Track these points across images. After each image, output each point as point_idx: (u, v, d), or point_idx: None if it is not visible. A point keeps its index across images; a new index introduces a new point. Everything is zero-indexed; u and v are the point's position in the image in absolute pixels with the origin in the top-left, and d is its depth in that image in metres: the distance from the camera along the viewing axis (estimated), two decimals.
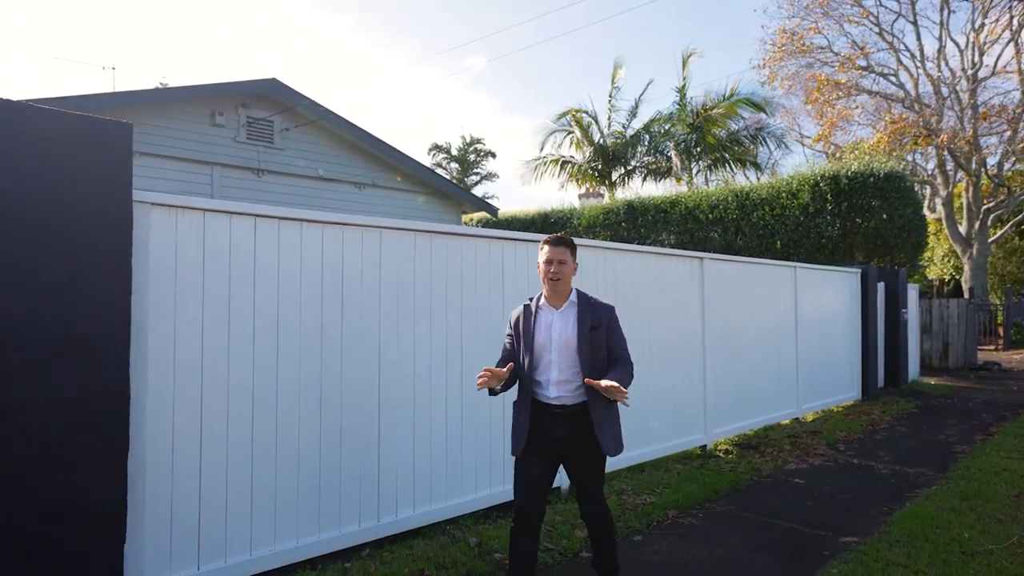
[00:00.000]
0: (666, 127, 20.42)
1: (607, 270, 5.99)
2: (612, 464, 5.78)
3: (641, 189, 25.06)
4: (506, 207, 18.78)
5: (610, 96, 20.96)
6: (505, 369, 3.23)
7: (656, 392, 6.42)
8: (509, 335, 3.48)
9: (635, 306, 6.23)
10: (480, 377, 3.14)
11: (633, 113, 20.84)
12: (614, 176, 21.09)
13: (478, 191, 38.36)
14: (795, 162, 39.59)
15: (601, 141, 20.93)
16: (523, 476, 3.30)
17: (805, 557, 4.27)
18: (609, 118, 21.01)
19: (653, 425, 6.39)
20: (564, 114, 20.98)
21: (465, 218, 16.05)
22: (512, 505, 3.61)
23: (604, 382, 3.06)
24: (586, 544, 4.36)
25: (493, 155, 40.73)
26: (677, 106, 20.22)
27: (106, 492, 3.08)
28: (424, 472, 4.47)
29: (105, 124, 3.13)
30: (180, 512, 3.42)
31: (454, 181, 36.21)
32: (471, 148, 39.32)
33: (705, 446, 7.07)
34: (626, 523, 4.77)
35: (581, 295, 3.44)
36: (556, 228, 15.72)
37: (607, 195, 20.76)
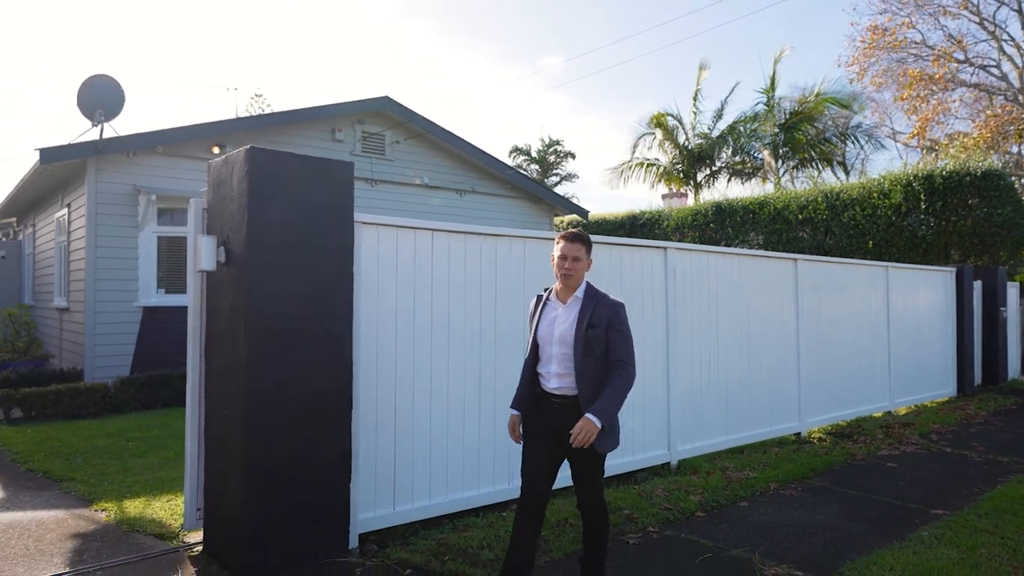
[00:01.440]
0: (752, 127, 20.56)
1: (708, 271, 6.65)
2: (714, 445, 6.48)
3: (727, 190, 25.18)
4: (591, 207, 19.41)
5: (694, 98, 21.27)
6: (515, 423, 3.52)
7: (754, 383, 7.03)
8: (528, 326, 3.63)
9: (733, 304, 6.87)
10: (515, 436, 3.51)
11: (719, 114, 21.09)
12: (699, 177, 21.40)
13: (558, 192, 39.10)
14: (887, 157, 38.37)
15: (686, 143, 21.27)
16: (526, 461, 3.42)
17: (897, 524, 4.83)
18: (694, 120, 21.33)
19: (750, 412, 7.00)
20: (653, 118, 21.43)
21: (556, 220, 16.82)
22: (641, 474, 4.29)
23: (576, 428, 3.13)
24: (700, 505, 5.07)
25: (572, 156, 41.29)
26: (764, 106, 20.34)
27: (339, 441, 4.03)
28: None
29: (332, 163, 4.10)
30: (381, 461, 4.35)
31: (531, 179, 37.12)
32: (550, 149, 40.05)
33: (799, 433, 7.60)
34: (732, 492, 5.44)
35: (590, 291, 3.45)
36: (644, 229, 16.27)
37: (691, 196, 21.10)
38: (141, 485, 5.49)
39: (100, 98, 10.36)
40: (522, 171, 38.28)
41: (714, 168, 21.42)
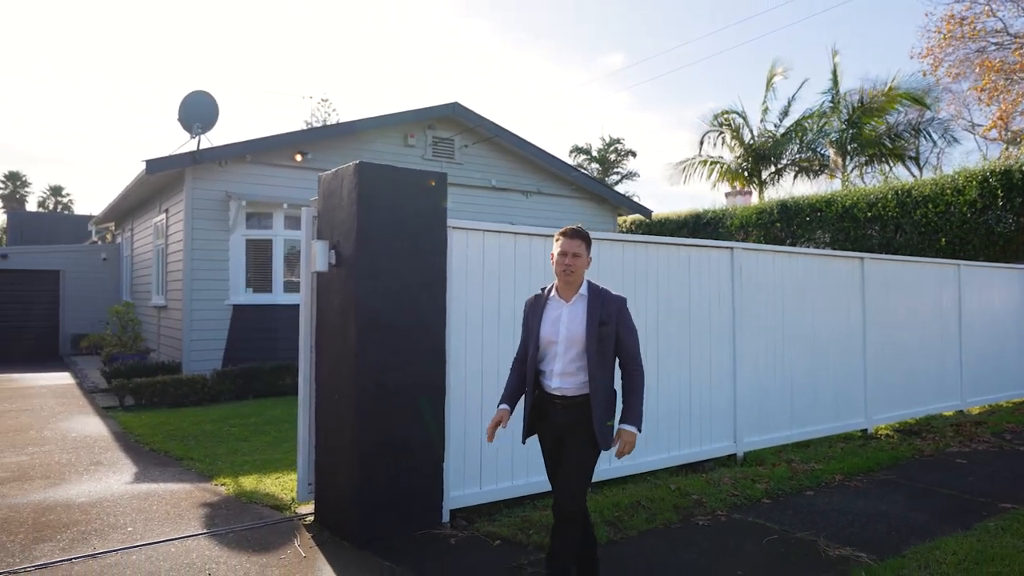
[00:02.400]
0: (819, 124, 20.28)
1: (774, 270, 6.85)
2: (780, 439, 6.69)
3: (792, 187, 24.81)
4: (651, 205, 19.51)
5: (764, 97, 21.13)
6: (504, 420, 3.42)
7: (819, 380, 7.19)
8: (522, 323, 3.54)
9: (799, 302, 7.05)
10: (492, 430, 3.42)
11: (785, 112, 20.88)
12: (764, 175, 21.23)
13: (619, 190, 39.16)
14: (964, 151, 36.82)
15: (751, 141, 21.14)
16: (547, 465, 3.47)
17: (963, 515, 4.98)
18: (763, 117, 21.18)
19: (816, 408, 7.16)
20: (718, 116, 21.39)
21: (619, 220, 17.06)
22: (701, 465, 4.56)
23: (621, 444, 3.23)
24: (766, 493, 5.34)
25: (633, 154, 41.25)
26: (831, 103, 20.03)
27: (433, 425, 4.50)
28: None
29: (428, 175, 4.57)
30: (469, 444, 4.80)
31: (595, 179, 37.29)
32: (611, 148, 40.11)
33: (866, 430, 7.70)
34: (798, 482, 5.67)
35: (592, 287, 3.39)
36: (708, 228, 16.34)
37: (755, 194, 20.95)
38: (251, 464, 6.11)
39: (198, 112, 11.24)
40: (583, 170, 38.57)
41: (779, 166, 21.21)
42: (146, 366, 11.00)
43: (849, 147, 19.84)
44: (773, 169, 21.28)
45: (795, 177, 21.14)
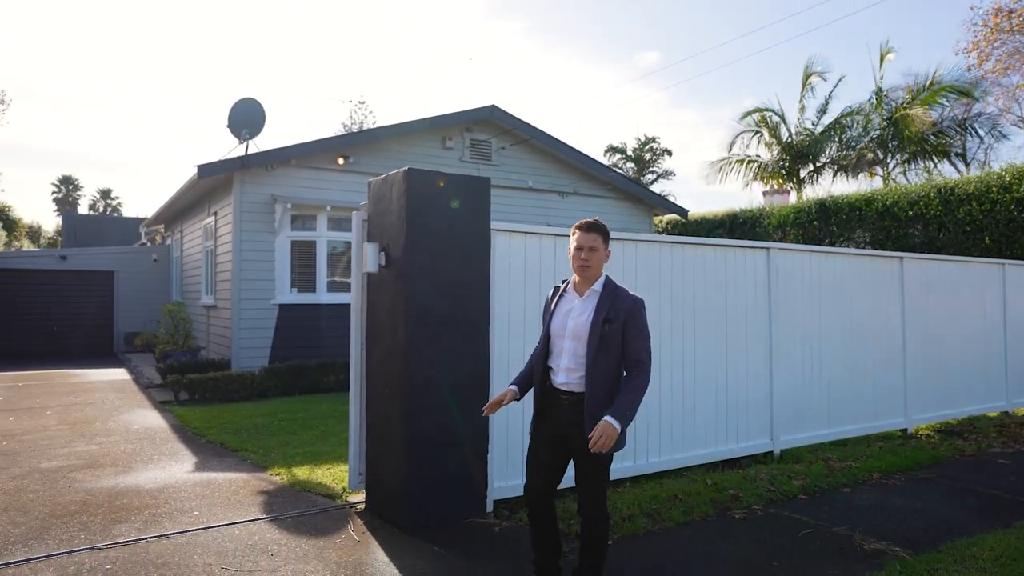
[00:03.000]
0: (859, 121, 20.00)
1: (810, 270, 6.91)
2: (817, 437, 6.74)
3: (832, 186, 24.49)
4: (686, 204, 19.46)
5: (801, 95, 20.90)
6: (505, 399, 3.37)
7: (857, 379, 7.22)
8: (542, 317, 3.53)
9: (836, 302, 7.09)
10: (491, 404, 3.41)
11: (823, 109, 20.62)
12: (802, 173, 21.01)
13: (655, 189, 38.99)
14: (1013, 146, 35.73)
15: (789, 139, 20.94)
16: (528, 460, 3.39)
17: (1003, 513, 5.01)
18: (800, 116, 20.96)
19: (854, 407, 7.19)
20: (749, 113, 21.23)
21: (655, 219, 17.09)
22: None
23: (596, 432, 2.99)
24: (802, 489, 5.43)
25: (669, 153, 40.94)
26: (873, 100, 19.73)
27: (478, 418, 4.71)
28: (666, 428, 5.77)
29: (473, 180, 4.78)
30: (511, 438, 4.99)
31: (631, 179, 37.19)
32: (646, 147, 39.94)
33: (905, 429, 7.69)
34: (834, 479, 5.75)
35: (608, 284, 3.31)
36: (744, 228, 16.28)
37: (793, 193, 20.74)
38: (302, 456, 6.41)
39: (246, 118, 11.66)
40: (618, 169, 38.50)
41: (818, 164, 20.96)
42: (197, 363, 11.46)
43: (890, 144, 19.52)
44: (812, 168, 21.04)
45: (834, 176, 20.88)
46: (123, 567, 3.85)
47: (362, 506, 4.96)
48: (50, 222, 57.32)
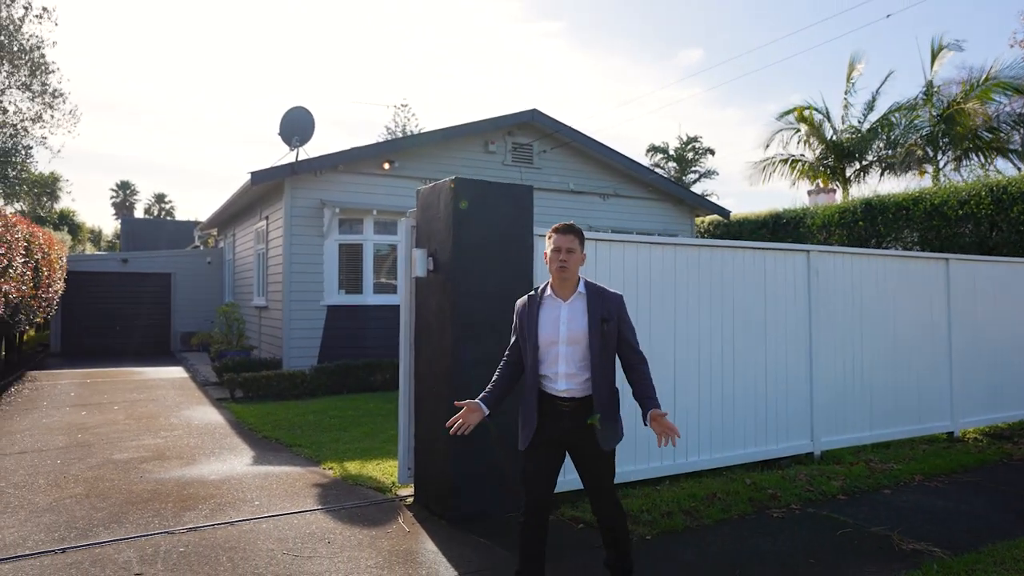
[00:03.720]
0: (908, 118, 19.55)
1: (852, 272, 6.91)
2: (858, 439, 6.75)
3: (879, 185, 23.96)
4: (729, 203, 19.31)
5: (846, 92, 20.54)
6: (473, 413, 3.23)
7: (900, 381, 7.19)
8: (514, 326, 3.43)
9: (878, 304, 7.08)
10: (456, 424, 3.20)
11: (870, 106, 20.21)
12: (848, 172, 20.63)
13: (697, 189, 38.62)
14: None
15: (833, 137, 20.60)
16: (528, 471, 3.29)
17: None
18: (845, 113, 20.60)
19: (897, 410, 7.16)
20: (790, 111, 20.93)
21: (697, 220, 17.04)
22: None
23: (664, 429, 3.08)
24: (841, 490, 5.48)
25: (712, 152, 40.48)
26: (923, 96, 19.27)
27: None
28: (705, 428, 5.88)
29: (515, 188, 4.99)
30: None
31: (672, 181, 36.95)
32: (688, 146, 39.61)
33: (952, 432, 7.61)
34: (875, 480, 5.78)
35: (590, 285, 3.33)
36: (788, 229, 16.11)
37: (840, 192, 20.37)
38: (353, 452, 6.70)
39: (296, 126, 12.10)
40: (659, 169, 38.28)
41: (864, 163, 20.56)
42: (250, 362, 11.94)
43: (941, 142, 19.03)
44: (858, 166, 20.65)
45: (882, 174, 20.44)
46: (195, 550, 4.17)
47: (411, 499, 5.21)
48: (109, 226, 59.70)
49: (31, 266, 10.75)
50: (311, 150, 11.67)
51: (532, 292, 3.42)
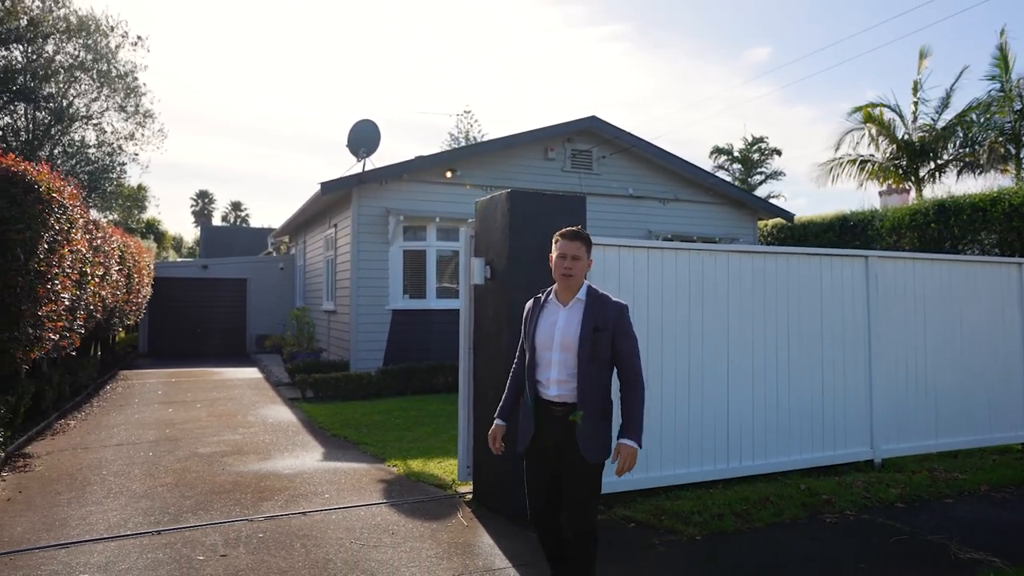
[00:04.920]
0: (988, 114, 18.68)
1: (914, 278, 6.80)
2: (922, 447, 6.64)
3: (956, 185, 22.93)
4: (796, 205, 18.86)
5: (915, 88, 19.79)
6: (499, 433, 3.41)
7: (968, 390, 7.00)
8: (522, 330, 3.43)
9: (943, 311, 6.92)
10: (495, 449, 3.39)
11: (944, 103, 19.42)
12: (921, 172, 19.86)
13: (763, 190, 37.79)
14: None
15: (905, 136, 19.88)
16: (529, 476, 3.32)
17: None
18: (916, 111, 19.85)
19: (965, 419, 6.98)
20: (859, 108, 20.30)
21: (760, 224, 16.79)
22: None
23: (621, 460, 3.07)
24: (900, 497, 5.44)
25: (778, 152, 39.49)
26: (999, 92, 18.38)
27: None
28: (759, 433, 5.93)
29: (569, 199, 5.20)
30: None
31: (737, 182, 36.26)
32: (754, 147, 38.80)
33: None
34: (937, 489, 5.70)
35: (592, 292, 3.27)
36: (855, 232, 15.69)
37: (913, 192, 19.64)
38: (416, 450, 7.03)
39: (363, 138, 12.64)
40: (723, 171, 37.63)
41: (939, 162, 19.75)
42: (320, 363, 12.51)
43: None
44: (932, 166, 19.85)
45: (959, 174, 19.58)
46: (272, 536, 4.54)
47: (469, 496, 5.47)
48: (189, 233, 62.86)
49: (124, 273, 11.60)
50: (376, 160, 12.24)
51: (538, 295, 3.41)
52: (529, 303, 3.43)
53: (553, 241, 3.34)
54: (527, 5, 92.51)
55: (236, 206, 68.96)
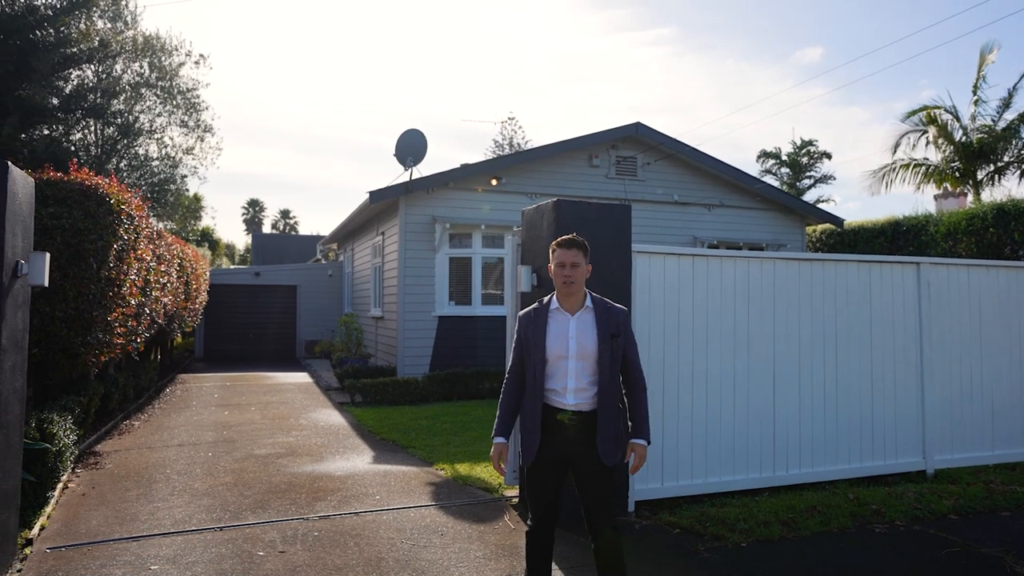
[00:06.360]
0: None
1: (969, 285, 6.65)
2: (977, 459, 6.49)
3: (1017, 188, 22.13)
4: (847, 209, 18.43)
5: (975, 87, 19.18)
6: (503, 452, 3.29)
7: None
8: (516, 339, 3.37)
9: (1001, 319, 6.75)
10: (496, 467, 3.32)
11: (1007, 103, 18.77)
12: (980, 175, 19.23)
13: (812, 195, 37.07)
14: None
15: (963, 138, 19.28)
16: (532, 489, 3.28)
17: None
18: (975, 111, 19.25)
19: (1022, 429, 6.80)
20: (915, 112, 19.80)
21: (808, 229, 16.51)
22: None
23: (637, 459, 3.23)
24: (953, 509, 5.33)
25: (828, 156, 38.72)
26: None
27: None
28: (806, 441, 5.89)
29: (615, 207, 5.28)
30: (652, 444, 5.37)
31: (785, 187, 35.63)
32: (803, 151, 38.10)
33: None
34: (993, 501, 5.56)
35: (596, 299, 3.33)
36: (908, 237, 15.30)
37: (970, 196, 19.03)
38: (463, 454, 7.17)
39: (410, 148, 12.92)
40: (771, 175, 37.04)
41: (999, 164, 19.09)
42: (367, 368, 12.80)
43: None
44: (991, 168, 19.20)
45: (1021, 176, 18.89)
46: (327, 535, 4.73)
47: (516, 500, 5.58)
48: (240, 240, 64.73)
49: (183, 280, 12.10)
50: (423, 168, 12.52)
51: (536, 304, 3.38)
52: (527, 313, 3.38)
53: (550, 251, 3.35)
54: (570, 12, 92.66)
55: (285, 214, 70.75)
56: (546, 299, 3.37)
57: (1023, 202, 13.61)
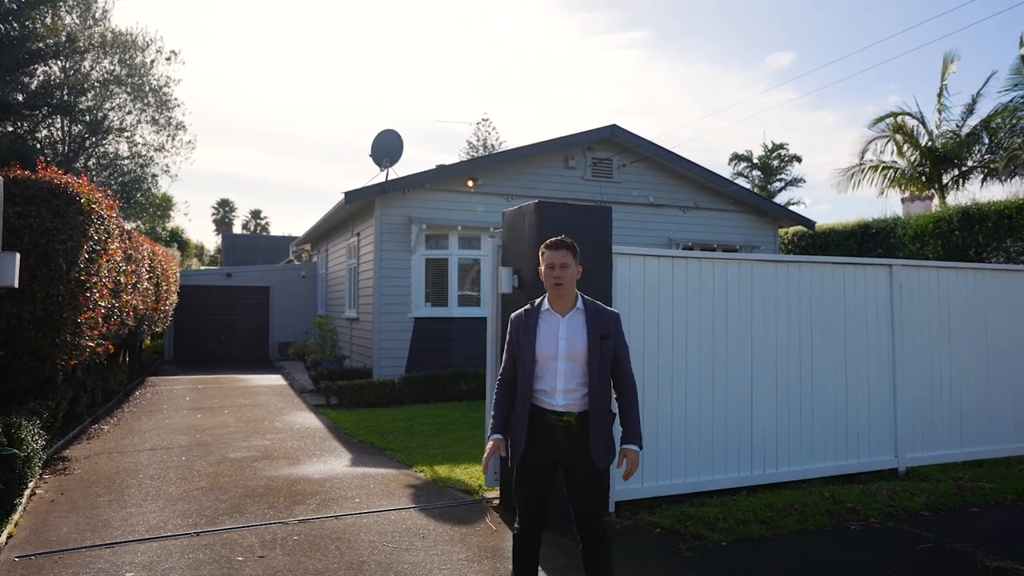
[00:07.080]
0: (1012, 119, 18.49)
1: (939, 287, 6.80)
2: (947, 456, 6.63)
3: (980, 192, 22.70)
4: (817, 211, 18.75)
5: (939, 95, 19.64)
6: (500, 447, 3.29)
7: (995, 398, 7.00)
8: (508, 341, 3.40)
9: (969, 320, 6.92)
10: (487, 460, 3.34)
11: (969, 109, 19.25)
12: (945, 179, 19.69)
13: (783, 197, 37.64)
14: None
15: (928, 143, 19.73)
16: (520, 490, 3.30)
17: None
18: (939, 117, 19.71)
19: (991, 427, 6.97)
20: (882, 118, 20.21)
21: (780, 231, 16.75)
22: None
23: (629, 465, 3.21)
24: (925, 506, 5.45)
25: (798, 159, 39.38)
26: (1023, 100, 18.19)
27: None
28: (783, 441, 5.97)
29: (596, 209, 5.30)
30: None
31: (756, 189, 36.14)
32: (774, 154, 38.70)
33: None
34: (963, 498, 5.70)
35: (587, 301, 3.35)
36: (877, 239, 15.62)
37: (936, 199, 19.48)
38: (441, 456, 7.14)
39: (386, 148, 12.84)
40: (743, 178, 37.54)
41: (963, 169, 19.58)
42: (343, 370, 12.68)
43: None
44: (956, 173, 19.68)
45: (983, 180, 19.39)
46: (307, 539, 4.67)
47: (496, 501, 5.57)
48: (210, 241, 63.74)
49: (153, 281, 11.87)
50: (399, 169, 12.44)
51: (528, 306, 3.39)
52: (518, 314, 3.40)
53: (540, 253, 3.37)
54: (546, 14, 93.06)
55: (256, 214, 69.82)
56: (537, 301, 3.39)
57: (987, 205, 13.98)
